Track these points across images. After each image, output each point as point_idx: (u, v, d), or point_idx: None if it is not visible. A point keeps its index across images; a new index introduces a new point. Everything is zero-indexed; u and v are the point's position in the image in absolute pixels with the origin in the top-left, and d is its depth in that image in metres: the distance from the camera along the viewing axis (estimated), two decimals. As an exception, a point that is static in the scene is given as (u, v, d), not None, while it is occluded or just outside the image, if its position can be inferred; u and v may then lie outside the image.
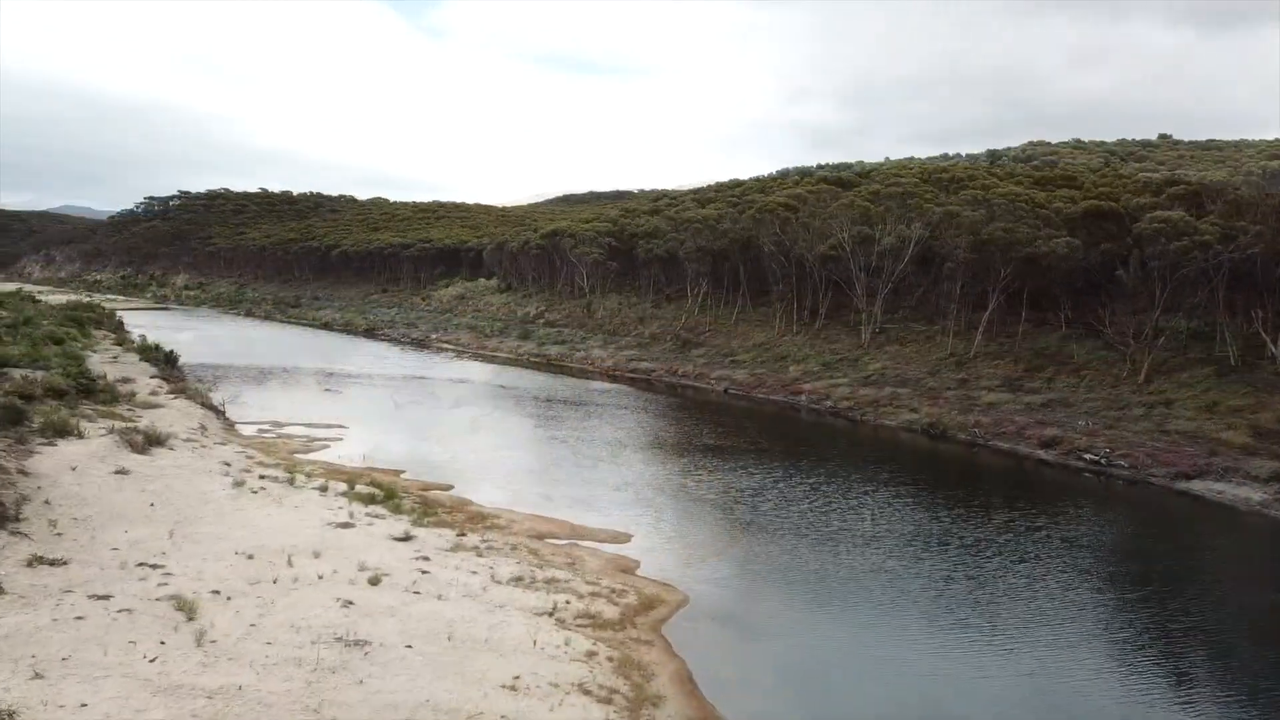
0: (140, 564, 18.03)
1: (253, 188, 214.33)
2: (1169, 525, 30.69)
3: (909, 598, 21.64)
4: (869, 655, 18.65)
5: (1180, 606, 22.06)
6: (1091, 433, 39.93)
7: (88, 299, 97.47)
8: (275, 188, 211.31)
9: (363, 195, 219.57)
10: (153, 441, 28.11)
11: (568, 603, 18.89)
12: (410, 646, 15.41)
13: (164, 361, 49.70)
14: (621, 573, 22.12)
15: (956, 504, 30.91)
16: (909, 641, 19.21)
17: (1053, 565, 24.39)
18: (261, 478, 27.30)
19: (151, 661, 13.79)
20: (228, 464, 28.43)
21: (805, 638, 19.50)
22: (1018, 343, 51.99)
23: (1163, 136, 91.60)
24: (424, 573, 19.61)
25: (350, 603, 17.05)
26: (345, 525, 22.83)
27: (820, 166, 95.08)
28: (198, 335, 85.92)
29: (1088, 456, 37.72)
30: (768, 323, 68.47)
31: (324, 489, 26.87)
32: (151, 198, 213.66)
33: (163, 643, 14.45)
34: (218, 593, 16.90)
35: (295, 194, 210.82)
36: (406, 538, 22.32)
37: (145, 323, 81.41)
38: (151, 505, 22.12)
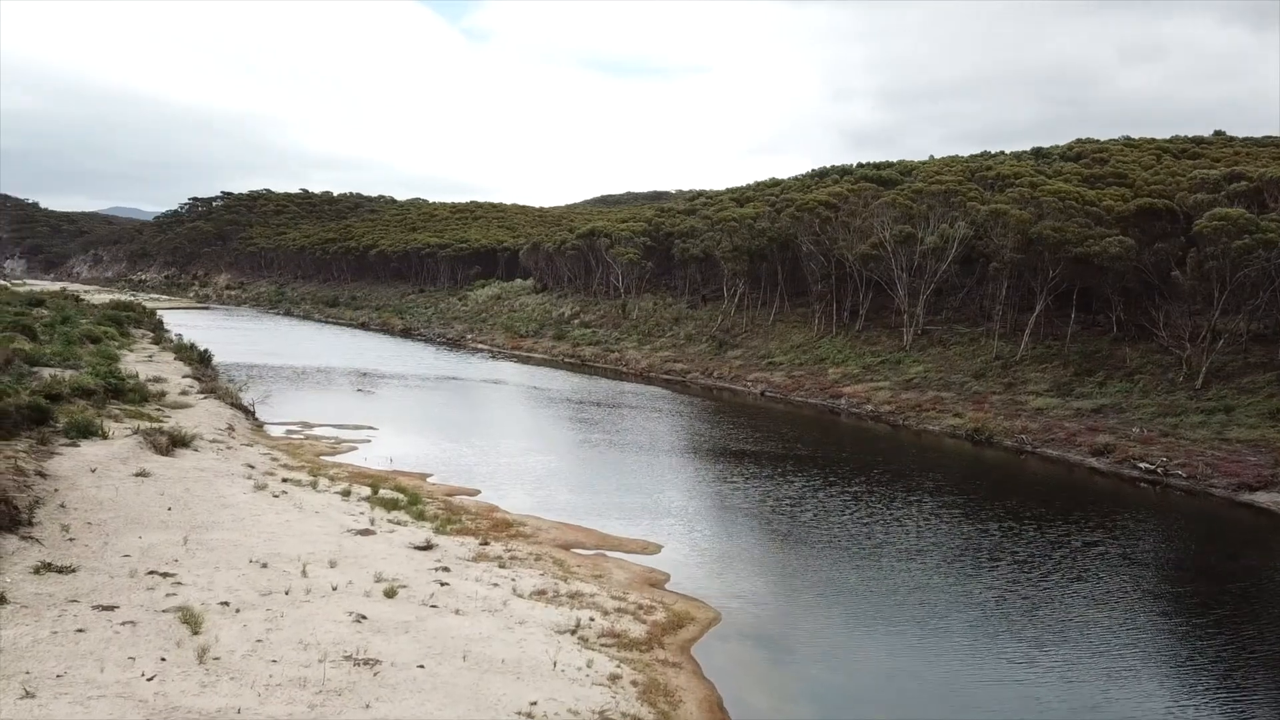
0: (150, 572, 17.36)
1: (294, 188, 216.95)
2: (1235, 541, 28.84)
3: (958, 619, 20.25)
4: (915, 683, 17.30)
5: (1255, 633, 20.39)
6: (1146, 440, 38.06)
7: (130, 298, 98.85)
8: (316, 188, 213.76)
9: (402, 196, 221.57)
10: (177, 443, 27.69)
11: (592, 620, 17.86)
12: (422, 666, 14.50)
13: (198, 361, 49.77)
14: (650, 587, 21.05)
15: (1006, 516, 29.36)
16: (959, 668, 17.86)
17: (1113, 585, 22.81)
18: (284, 481, 26.72)
19: (149, 680, 13.04)
20: (251, 466, 27.91)
21: (845, 662, 18.24)
22: (1066, 345, 50.00)
23: (1217, 133, 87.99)
24: (443, 585, 18.73)
25: (363, 617, 16.20)
26: (365, 532, 22.08)
27: (861, 165, 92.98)
28: (235, 334, 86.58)
29: (1143, 465, 35.88)
30: (806, 324, 66.97)
31: (347, 493, 26.21)
32: (195, 198, 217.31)
33: (164, 659, 13.70)
34: (227, 604, 16.15)
35: (335, 194, 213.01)
36: (427, 546, 21.49)
37: (185, 322, 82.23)
38: (169, 509, 21.53)
